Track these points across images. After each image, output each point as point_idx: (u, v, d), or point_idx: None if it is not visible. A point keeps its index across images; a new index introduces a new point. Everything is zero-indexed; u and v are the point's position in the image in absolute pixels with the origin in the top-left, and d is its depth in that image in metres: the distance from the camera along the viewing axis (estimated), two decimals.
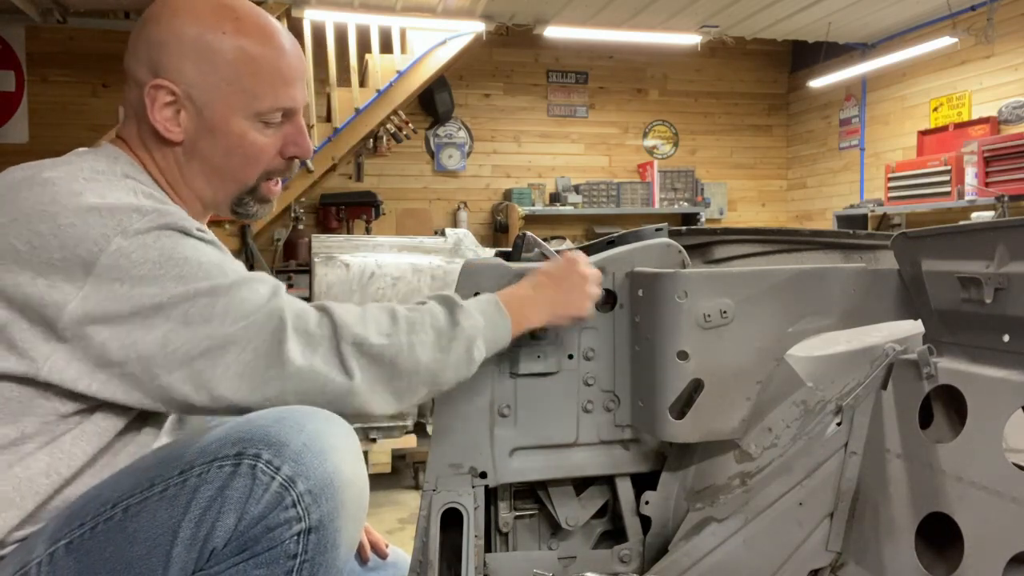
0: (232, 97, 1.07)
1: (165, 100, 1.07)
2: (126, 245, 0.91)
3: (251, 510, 0.87)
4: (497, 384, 1.35)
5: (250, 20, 1.10)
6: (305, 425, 0.92)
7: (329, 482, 0.90)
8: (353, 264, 3.31)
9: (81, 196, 0.93)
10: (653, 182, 7.19)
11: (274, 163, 1.14)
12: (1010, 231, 1.10)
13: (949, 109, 6.09)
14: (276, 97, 1.10)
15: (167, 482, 0.89)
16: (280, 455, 0.88)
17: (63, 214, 0.91)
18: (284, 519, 0.87)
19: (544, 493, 1.43)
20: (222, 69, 1.07)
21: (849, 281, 1.33)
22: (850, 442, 1.32)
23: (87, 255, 0.90)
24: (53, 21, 5.19)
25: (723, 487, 1.35)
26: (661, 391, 1.28)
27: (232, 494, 0.87)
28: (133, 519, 0.89)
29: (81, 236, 0.90)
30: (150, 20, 1.09)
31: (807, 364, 1.33)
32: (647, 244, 1.39)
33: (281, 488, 0.87)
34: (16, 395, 0.92)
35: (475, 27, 5.69)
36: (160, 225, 0.94)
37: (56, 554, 0.90)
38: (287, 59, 1.11)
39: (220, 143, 1.09)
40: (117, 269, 0.91)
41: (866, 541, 1.31)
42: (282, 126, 1.13)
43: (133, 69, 1.11)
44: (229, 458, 0.88)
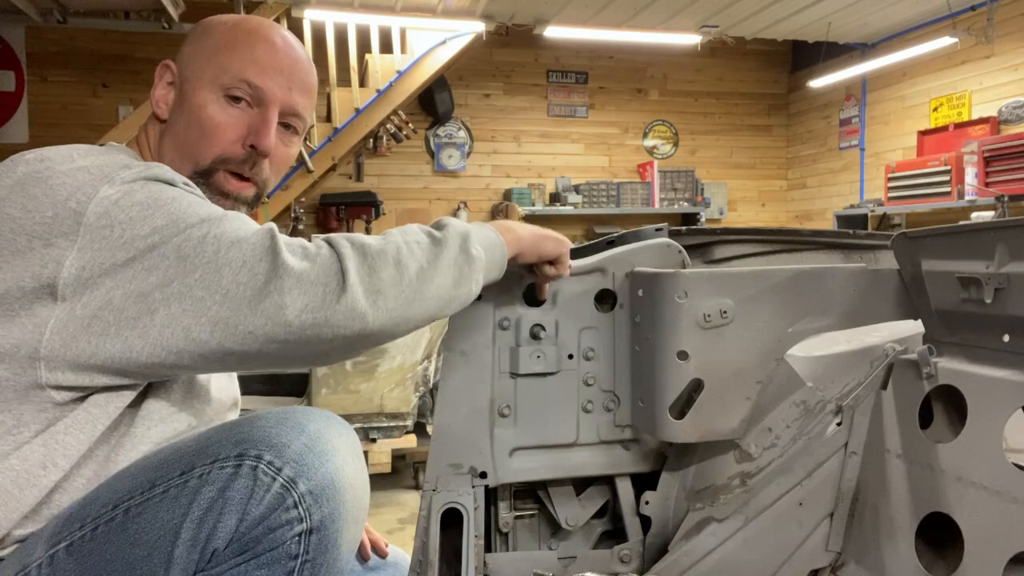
0: (206, 70, 1.12)
1: (168, 79, 1.15)
2: (112, 193, 0.92)
3: (252, 511, 0.87)
4: (497, 384, 1.35)
5: (261, 21, 1.17)
6: (306, 426, 0.93)
7: (330, 483, 0.90)
8: None
9: (73, 161, 0.96)
10: (653, 182, 7.19)
11: (231, 149, 1.11)
12: (1010, 231, 1.10)
13: (949, 109, 6.09)
14: (243, 70, 1.11)
15: (168, 483, 0.89)
16: (281, 456, 0.88)
17: (54, 176, 0.93)
18: (286, 520, 0.87)
19: (544, 493, 1.43)
20: (207, 47, 1.13)
21: (849, 281, 1.33)
22: (850, 442, 1.32)
23: (76, 206, 0.90)
24: (53, 21, 5.19)
25: (723, 487, 1.35)
26: (661, 391, 1.28)
27: (233, 495, 0.87)
28: (134, 520, 0.89)
29: (70, 190, 0.91)
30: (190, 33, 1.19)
31: (807, 364, 1.33)
32: (647, 244, 1.39)
33: (282, 489, 0.87)
34: (11, 380, 0.91)
35: (475, 27, 5.69)
36: (146, 176, 0.96)
37: (57, 556, 0.89)
38: (273, 50, 1.14)
39: (185, 114, 1.12)
40: (106, 216, 0.90)
41: (866, 541, 1.31)
42: (248, 110, 1.12)
43: None
44: (230, 459, 0.88)
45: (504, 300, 1.34)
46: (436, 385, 3.41)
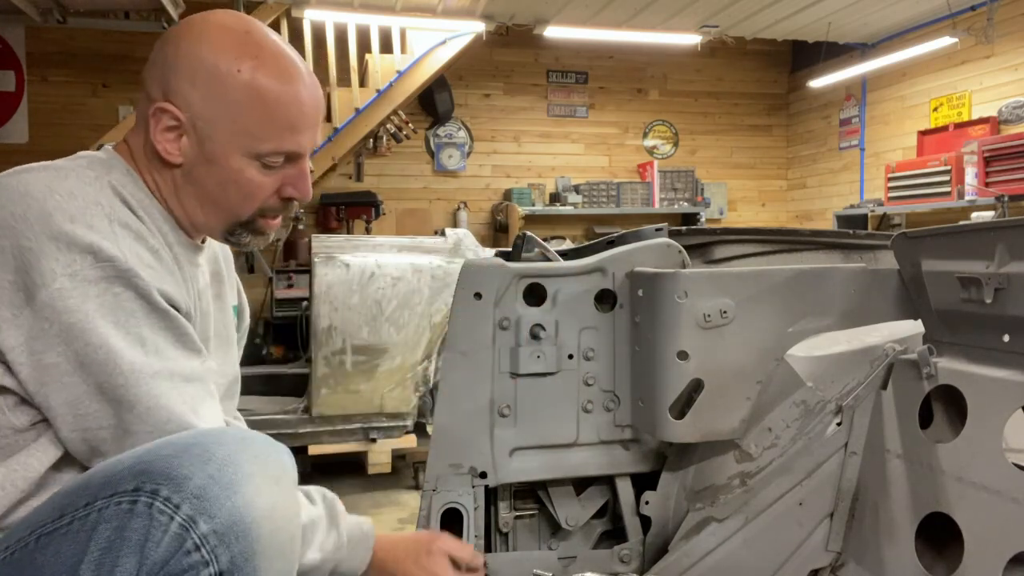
0: (235, 136, 1.06)
1: (168, 124, 1.05)
2: (68, 288, 0.89)
3: (151, 554, 0.79)
4: (497, 384, 1.35)
5: (270, 59, 1.07)
6: (214, 453, 0.84)
7: (238, 519, 0.81)
8: (353, 264, 3.31)
9: (50, 218, 0.91)
10: (653, 182, 7.18)
11: (270, 202, 1.12)
12: (1010, 231, 1.10)
13: (949, 109, 6.09)
14: (280, 142, 1.07)
15: (73, 514, 0.83)
16: (180, 491, 0.80)
17: (26, 234, 0.90)
18: (188, 564, 0.79)
19: (544, 493, 1.43)
20: (230, 107, 1.05)
21: (849, 281, 1.33)
22: (850, 442, 1.32)
23: (31, 285, 0.89)
24: (53, 21, 5.18)
25: (723, 487, 1.35)
26: (661, 391, 1.28)
27: (130, 536, 0.79)
28: (42, 551, 0.83)
29: (33, 263, 0.90)
30: (171, 39, 1.07)
31: (807, 364, 1.33)
32: (647, 244, 1.39)
33: (181, 529, 0.79)
34: None
35: (475, 27, 5.68)
36: (111, 276, 0.92)
37: None
38: (300, 106, 1.08)
39: (216, 175, 1.08)
40: (51, 309, 0.89)
41: (866, 541, 1.31)
42: (283, 167, 1.10)
43: (147, 83, 1.08)
44: (127, 493, 0.81)
45: (504, 300, 1.34)
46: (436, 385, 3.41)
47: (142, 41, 6.12)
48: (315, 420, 3.33)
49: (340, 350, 3.27)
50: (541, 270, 1.36)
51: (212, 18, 1.08)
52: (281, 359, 5.27)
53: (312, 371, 3.31)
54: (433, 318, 3.38)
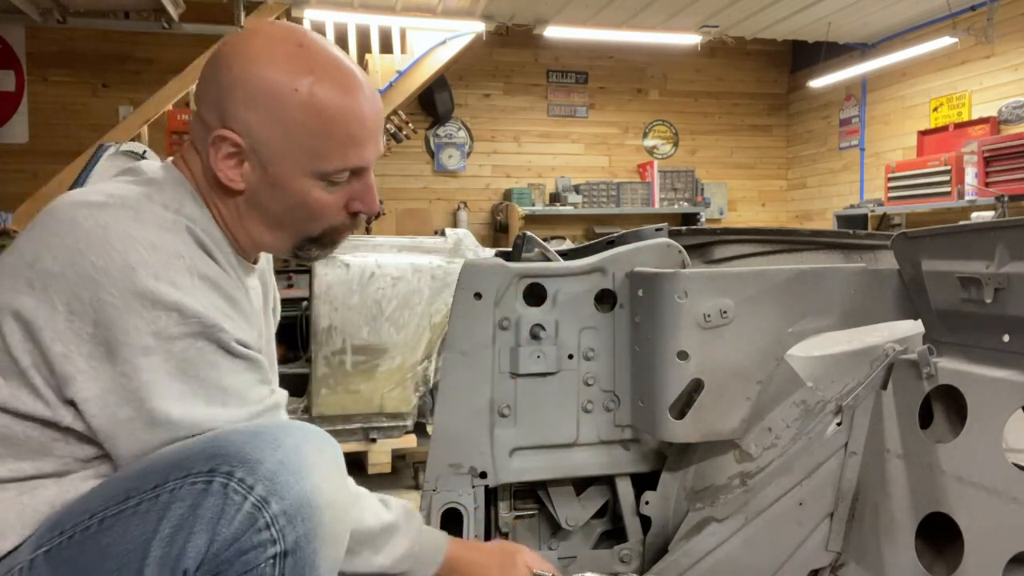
0: (299, 157, 1.02)
1: (228, 151, 1.02)
2: (153, 346, 0.90)
3: (223, 531, 0.83)
4: (497, 384, 1.35)
5: (327, 74, 1.02)
6: (283, 441, 0.89)
7: (306, 502, 0.86)
8: (353, 264, 3.31)
9: (134, 273, 0.90)
10: (653, 182, 7.19)
11: (338, 218, 1.09)
12: (1010, 231, 1.10)
13: (949, 109, 6.09)
14: (344, 159, 1.04)
15: (141, 496, 0.86)
16: (254, 473, 0.85)
17: (108, 288, 0.90)
18: (257, 542, 0.84)
19: (544, 493, 1.43)
20: (291, 128, 1.01)
21: (849, 281, 1.33)
22: (850, 442, 1.32)
23: (113, 341, 0.90)
24: (53, 21, 5.19)
25: (723, 487, 1.35)
26: (661, 391, 1.28)
27: (204, 513, 0.83)
28: (107, 532, 0.86)
29: (115, 320, 0.89)
30: (223, 62, 1.03)
31: (807, 364, 1.33)
32: (647, 244, 1.39)
33: (254, 508, 0.84)
34: (37, 435, 0.92)
35: (475, 27, 5.68)
36: (195, 332, 0.93)
37: (36, 561, 0.88)
38: (361, 119, 1.05)
39: (281, 198, 1.05)
40: (132, 366, 0.90)
41: (866, 541, 1.31)
42: (349, 183, 1.07)
43: (201, 107, 1.05)
44: (202, 474, 0.85)
45: (504, 300, 1.34)
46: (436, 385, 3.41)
47: (142, 41, 6.13)
48: (315, 420, 3.33)
49: (340, 350, 3.27)
50: (541, 270, 1.36)
51: (262, 34, 1.04)
52: (281, 359, 5.26)
53: (312, 371, 3.30)
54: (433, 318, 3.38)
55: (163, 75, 5.67)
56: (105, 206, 0.95)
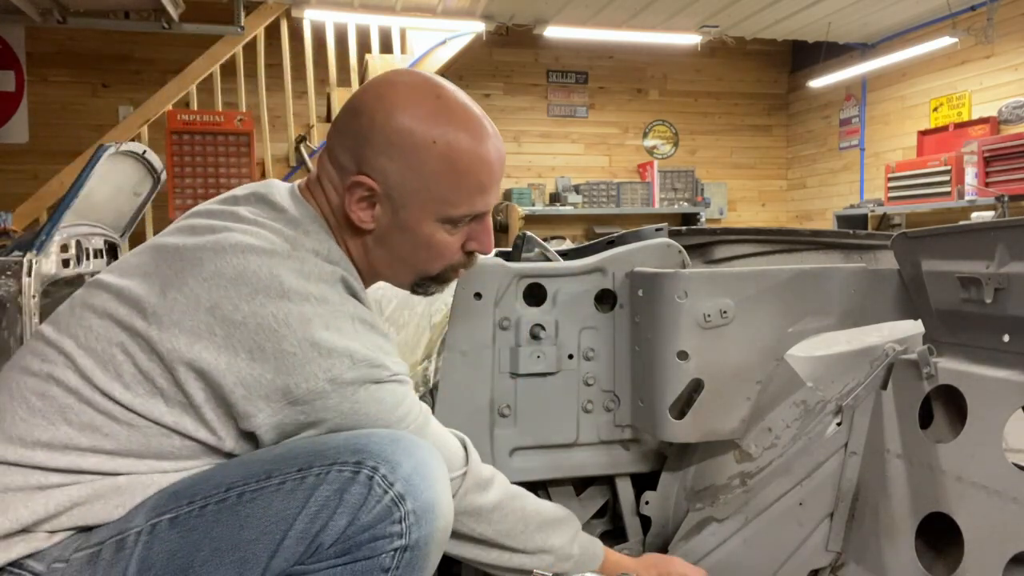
0: (429, 203, 1.08)
1: (362, 194, 1.08)
2: (329, 391, 0.98)
3: (362, 517, 0.92)
4: (497, 384, 1.35)
5: (462, 126, 1.08)
6: (415, 452, 0.98)
7: (432, 507, 0.95)
8: None
9: (310, 324, 0.98)
10: (653, 182, 7.19)
11: (456, 257, 1.16)
12: (1010, 231, 1.10)
13: (949, 109, 6.09)
14: (471, 206, 1.11)
15: (285, 476, 0.94)
16: (395, 472, 0.94)
17: (289, 339, 0.97)
18: (389, 532, 0.92)
19: (544, 493, 1.43)
20: (426, 176, 1.07)
21: (849, 281, 1.33)
22: (850, 442, 1.32)
23: (294, 387, 0.97)
24: (53, 21, 5.19)
25: (723, 487, 1.35)
26: (661, 391, 1.28)
27: (349, 498, 0.92)
28: (248, 504, 0.93)
29: (295, 368, 0.97)
30: (365, 111, 1.08)
31: (807, 364, 1.33)
32: (647, 244, 1.39)
33: (392, 503, 0.93)
34: (192, 448, 0.99)
35: (475, 27, 5.69)
36: (365, 380, 1.01)
37: (159, 526, 0.94)
38: (489, 167, 1.11)
39: (409, 240, 1.11)
40: (311, 407, 0.98)
41: (866, 541, 1.31)
42: (469, 225, 1.14)
43: (337, 151, 1.11)
44: (349, 464, 0.94)
45: (504, 300, 1.34)
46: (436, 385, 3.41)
47: (142, 41, 6.13)
48: None
49: None
50: (541, 270, 1.36)
51: (401, 84, 1.09)
52: None
53: None
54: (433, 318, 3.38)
55: (163, 75, 5.68)
56: (272, 255, 1.01)
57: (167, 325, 0.96)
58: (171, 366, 0.96)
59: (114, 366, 0.97)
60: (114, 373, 0.97)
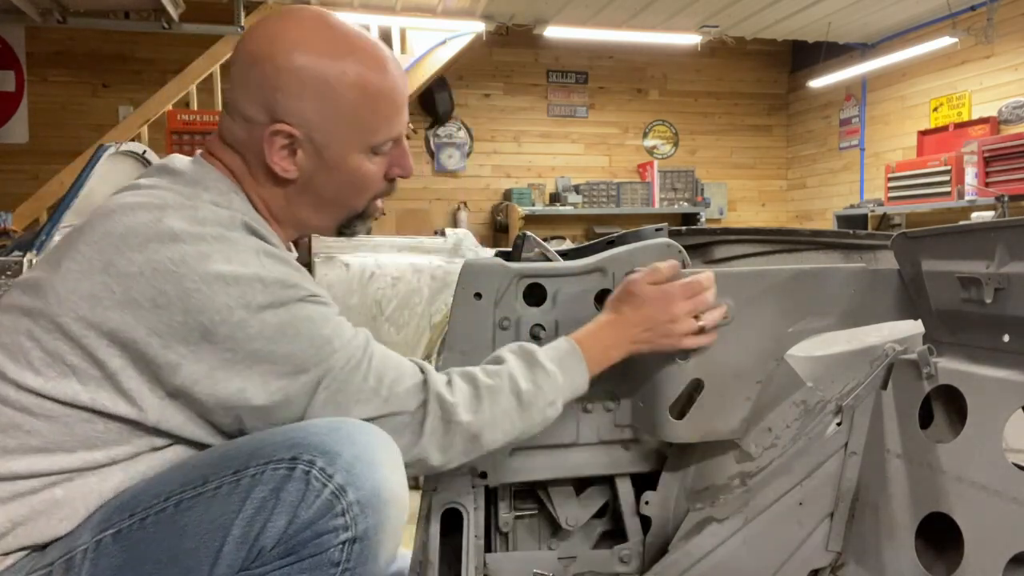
0: (351, 135, 1.08)
1: (283, 143, 1.06)
2: (247, 319, 0.94)
3: (302, 514, 0.89)
4: None
5: (365, 52, 1.08)
6: (357, 438, 0.95)
7: (377, 495, 0.92)
8: (353, 264, 3.31)
9: (208, 260, 0.94)
10: (653, 182, 7.19)
11: (380, 186, 1.16)
12: (1010, 231, 1.10)
13: (949, 109, 6.09)
14: (390, 128, 1.11)
15: (221, 480, 0.91)
16: (333, 463, 0.90)
17: (189, 277, 0.93)
18: (332, 527, 0.90)
19: (544, 493, 1.43)
20: (343, 109, 1.06)
21: (849, 281, 1.32)
22: (850, 442, 1.32)
23: (208, 323, 0.93)
24: (53, 21, 5.19)
25: (723, 487, 1.35)
26: (661, 391, 1.28)
27: (285, 496, 0.89)
28: (185, 513, 0.91)
29: (205, 304, 0.93)
30: (263, 57, 1.04)
31: (807, 364, 1.33)
32: (647, 244, 1.38)
33: (332, 496, 0.90)
34: (117, 428, 0.95)
35: (475, 27, 5.69)
36: (281, 300, 0.97)
37: (103, 542, 0.91)
38: (399, 87, 1.11)
39: (335, 178, 1.10)
40: (233, 340, 0.94)
41: (866, 541, 1.31)
42: (390, 151, 1.14)
43: (242, 106, 1.07)
44: (284, 461, 0.91)
45: (504, 300, 1.34)
46: None
47: (142, 41, 6.13)
48: None
49: None
50: (541, 270, 1.36)
51: (293, 24, 1.06)
52: None
53: None
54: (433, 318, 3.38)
55: (163, 75, 5.68)
56: (162, 207, 0.98)
57: (64, 296, 0.93)
58: (78, 338, 0.92)
59: (23, 354, 0.94)
60: (24, 362, 0.93)
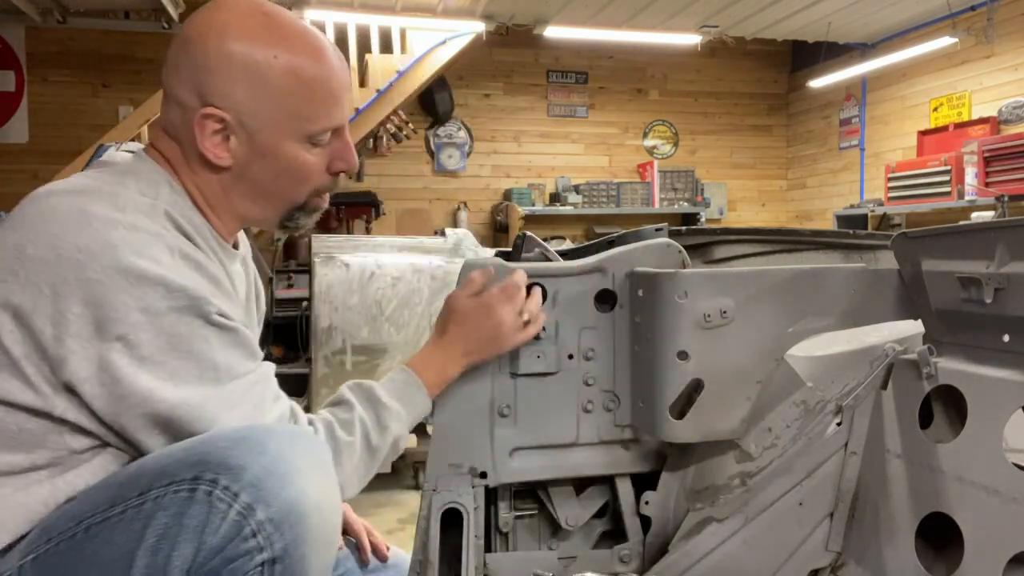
0: (284, 122, 1.05)
1: (214, 128, 1.04)
2: (143, 322, 0.90)
3: (209, 540, 0.83)
4: (497, 384, 1.34)
5: (299, 38, 1.06)
6: (268, 446, 0.87)
7: (292, 509, 0.85)
8: (353, 264, 3.31)
9: (116, 251, 0.91)
10: (653, 182, 7.19)
11: (322, 180, 1.13)
12: (1010, 231, 1.10)
13: (949, 109, 6.09)
14: (328, 118, 1.08)
15: (126, 503, 0.86)
16: (238, 480, 0.84)
17: (92, 267, 0.90)
18: (244, 550, 0.83)
19: (544, 493, 1.43)
20: (274, 94, 1.04)
21: (849, 281, 1.32)
22: (850, 442, 1.32)
23: (103, 319, 0.89)
24: (53, 21, 5.19)
25: (723, 487, 1.35)
26: (661, 391, 1.28)
27: (189, 522, 0.83)
28: (92, 540, 0.85)
29: (103, 298, 0.89)
30: (195, 40, 1.03)
31: (807, 364, 1.33)
32: (647, 244, 1.38)
33: (239, 516, 0.83)
34: (31, 426, 0.92)
35: (475, 27, 5.69)
36: (181, 307, 0.93)
37: (24, 568, 0.88)
38: (336, 77, 1.09)
39: (270, 166, 1.07)
40: (125, 342, 0.90)
41: (866, 541, 1.31)
42: (330, 143, 1.11)
43: (175, 89, 1.05)
44: (185, 482, 0.84)
45: None
46: None
47: (142, 41, 6.13)
48: None
49: (340, 350, 3.27)
50: (541, 270, 1.36)
51: (226, 10, 1.05)
52: (281, 359, 5.27)
53: (312, 371, 3.31)
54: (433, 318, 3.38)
55: None
56: (83, 192, 0.96)
57: None
58: None
59: None
60: None
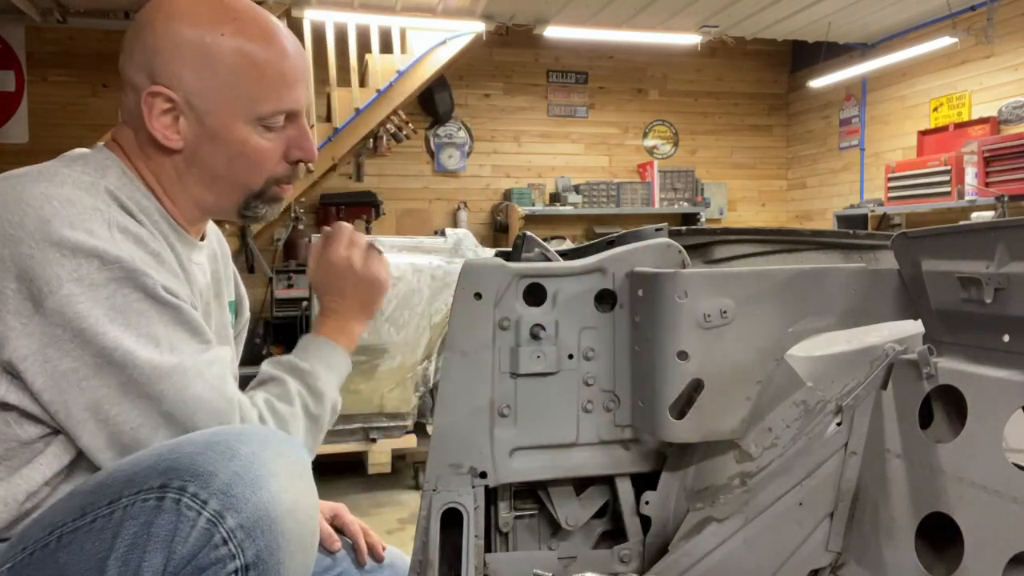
0: (234, 103, 1.05)
1: (163, 107, 1.04)
2: (77, 294, 0.89)
3: (179, 549, 0.80)
4: (497, 384, 1.35)
5: (249, 20, 1.06)
6: (238, 450, 0.85)
7: (264, 514, 0.83)
8: None
9: (49, 224, 0.90)
10: (653, 182, 7.19)
11: (279, 168, 1.12)
12: (1010, 231, 1.10)
13: (949, 109, 6.09)
14: (279, 100, 1.07)
15: (96, 512, 0.84)
16: (207, 487, 0.81)
17: (26, 241, 0.89)
18: (215, 558, 0.81)
19: (544, 493, 1.43)
20: (222, 74, 1.04)
21: (849, 281, 1.33)
22: (850, 442, 1.32)
23: (37, 293, 0.89)
24: (53, 21, 5.19)
25: (723, 487, 1.35)
26: (661, 391, 1.28)
27: (158, 531, 0.81)
28: (64, 549, 0.84)
29: (36, 271, 0.89)
30: (145, 23, 1.05)
31: (807, 364, 1.33)
32: (647, 244, 1.38)
33: (209, 524, 0.81)
34: None
35: (475, 27, 5.68)
36: (118, 278, 0.92)
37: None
38: (289, 60, 1.08)
39: (222, 150, 1.07)
40: (61, 316, 0.89)
41: (866, 541, 1.31)
42: (285, 129, 1.10)
43: (129, 73, 1.06)
44: (153, 490, 0.82)
45: (504, 300, 1.34)
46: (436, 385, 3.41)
47: None
48: None
49: None
50: (541, 270, 1.36)
51: None
52: None
53: None
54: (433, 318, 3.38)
55: None
56: (22, 175, 0.96)
57: None
58: None
59: None
60: None
